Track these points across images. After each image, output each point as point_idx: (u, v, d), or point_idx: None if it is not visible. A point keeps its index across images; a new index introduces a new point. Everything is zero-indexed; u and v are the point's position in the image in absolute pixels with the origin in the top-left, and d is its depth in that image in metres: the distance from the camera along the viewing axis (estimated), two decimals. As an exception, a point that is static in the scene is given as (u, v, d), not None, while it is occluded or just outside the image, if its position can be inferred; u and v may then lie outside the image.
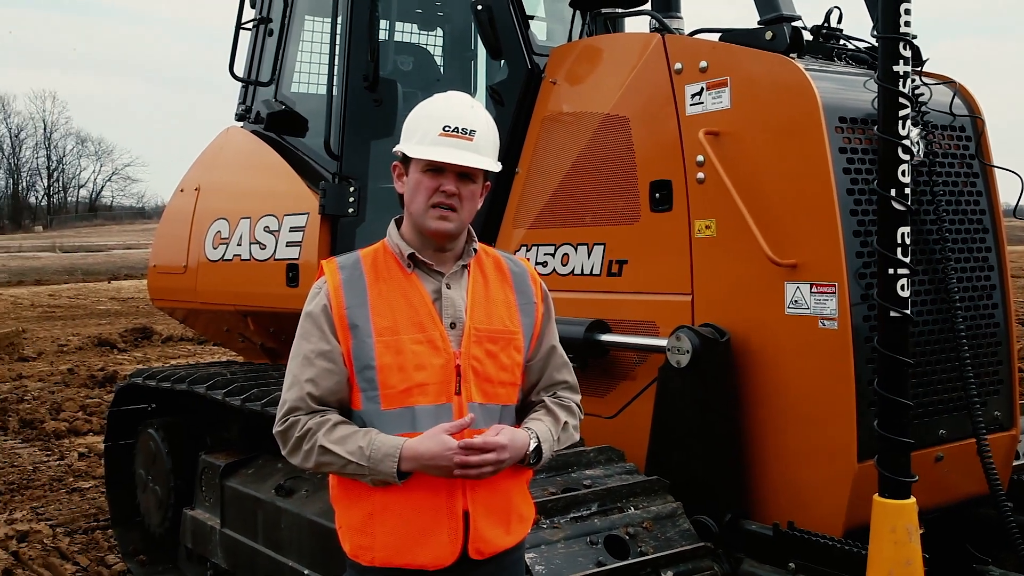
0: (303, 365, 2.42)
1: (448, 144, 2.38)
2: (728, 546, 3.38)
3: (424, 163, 2.40)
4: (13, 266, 36.92)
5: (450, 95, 2.52)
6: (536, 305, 2.57)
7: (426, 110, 2.48)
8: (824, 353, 3.28)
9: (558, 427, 2.54)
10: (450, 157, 2.37)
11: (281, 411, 2.44)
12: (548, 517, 3.19)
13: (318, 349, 2.41)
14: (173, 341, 16.27)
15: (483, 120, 2.46)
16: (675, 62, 3.82)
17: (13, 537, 6.37)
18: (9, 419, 10.02)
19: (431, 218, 2.40)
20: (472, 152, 2.40)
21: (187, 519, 5.21)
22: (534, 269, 2.67)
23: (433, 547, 2.37)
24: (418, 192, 2.42)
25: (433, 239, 2.44)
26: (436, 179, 2.40)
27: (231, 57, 5.80)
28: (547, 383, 2.62)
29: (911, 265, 2.57)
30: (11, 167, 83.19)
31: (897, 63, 2.50)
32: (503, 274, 2.56)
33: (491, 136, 2.48)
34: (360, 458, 2.30)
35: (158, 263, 6.42)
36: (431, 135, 2.40)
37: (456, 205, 2.40)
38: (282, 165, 5.35)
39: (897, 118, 2.53)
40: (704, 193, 3.67)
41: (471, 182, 2.43)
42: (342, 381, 2.41)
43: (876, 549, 2.56)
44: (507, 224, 4.50)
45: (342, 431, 2.36)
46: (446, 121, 2.40)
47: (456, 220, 2.41)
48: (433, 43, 6.42)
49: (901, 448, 2.56)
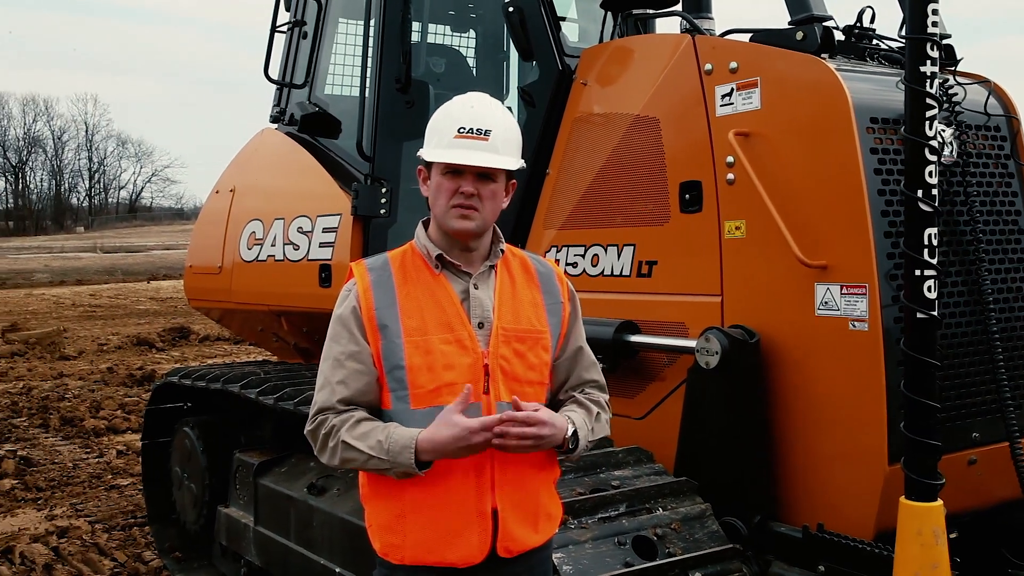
0: (333, 367, 2.46)
1: (463, 146, 2.40)
2: (757, 548, 3.37)
3: (443, 165, 2.42)
4: (55, 266, 37.53)
5: (467, 96, 2.53)
6: (563, 305, 2.59)
7: (443, 112, 2.50)
8: (854, 355, 3.26)
9: (591, 418, 2.56)
10: (463, 159, 2.39)
11: (311, 412, 2.48)
12: (576, 517, 3.20)
13: (348, 351, 2.44)
14: (210, 341, 16.46)
15: (499, 119, 2.47)
16: (705, 63, 3.81)
17: (53, 533, 6.51)
18: (50, 417, 10.20)
19: (452, 218, 2.43)
20: (487, 152, 2.41)
21: (221, 516, 5.28)
22: (560, 269, 2.68)
23: (462, 545, 2.39)
24: (439, 194, 2.44)
25: (457, 239, 2.47)
26: (455, 181, 2.42)
27: (266, 60, 5.86)
28: (575, 382, 2.64)
29: (938, 266, 2.54)
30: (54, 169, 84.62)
31: (924, 63, 2.48)
32: (530, 274, 2.58)
33: (509, 135, 2.48)
34: (380, 452, 2.33)
35: (194, 263, 6.51)
36: (447, 137, 2.42)
37: (476, 205, 2.42)
38: (315, 166, 5.41)
39: (924, 119, 2.51)
40: (734, 194, 3.66)
41: (491, 181, 2.44)
42: (372, 382, 2.44)
43: (902, 552, 2.55)
44: (537, 225, 4.51)
45: (364, 427, 2.39)
46: (461, 123, 2.42)
47: (477, 219, 2.43)
48: (466, 45, 6.45)
49: (928, 450, 2.54)
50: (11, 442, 9.22)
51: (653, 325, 3.94)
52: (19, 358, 14.59)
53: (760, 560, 3.35)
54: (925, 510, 2.52)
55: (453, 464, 2.35)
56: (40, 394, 11.54)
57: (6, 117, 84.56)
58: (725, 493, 3.47)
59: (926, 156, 2.51)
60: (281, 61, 5.99)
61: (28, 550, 6.15)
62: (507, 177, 2.50)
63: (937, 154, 2.53)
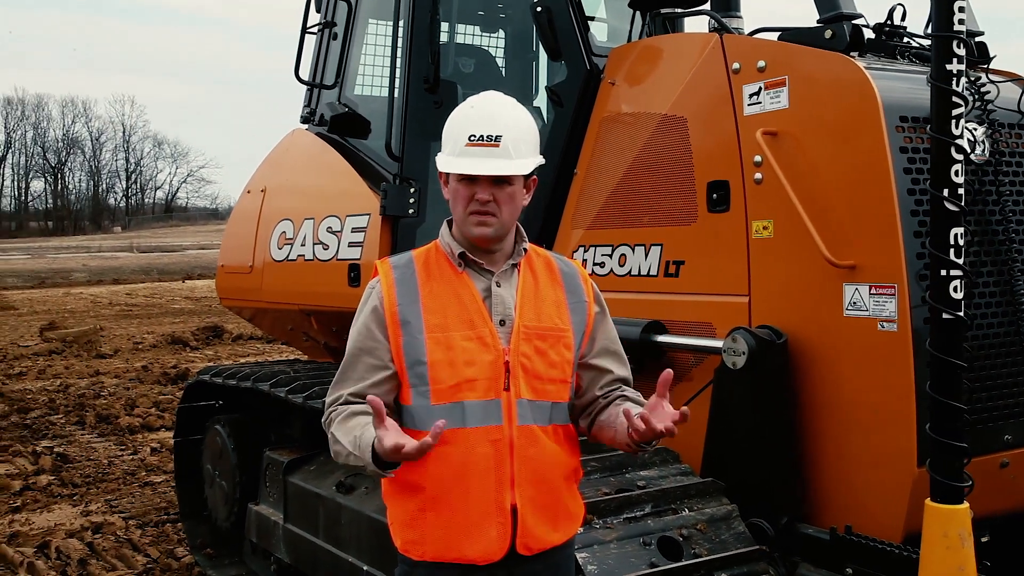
0: (350, 362, 2.50)
1: (474, 154, 2.41)
2: (784, 550, 3.35)
3: (456, 174, 2.43)
4: (93, 266, 38.02)
5: (479, 98, 2.53)
6: (587, 304, 2.59)
7: (455, 118, 2.50)
8: (883, 356, 3.22)
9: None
10: (473, 168, 2.40)
11: (325, 405, 2.52)
12: (601, 517, 3.20)
13: (365, 347, 2.48)
14: (243, 340, 16.61)
15: (510, 122, 2.46)
16: (733, 62, 3.79)
17: (88, 528, 6.61)
18: (86, 414, 10.34)
19: (471, 225, 2.44)
20: (499, 159, 2.41)
21: (252, 514, 5.32)
22: (584, 269, 2.68)
23: (482, 542, 2.40)
24: (456, 201, 2.46)
25: (477, 244, 2.48)
26: (470, 188, 2.43)
27: (296, 61, 5.90)
28: (610, 380, 2.64)
29: (965, 267, 2.51)
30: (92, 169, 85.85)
31: (950, 61, 2.45)
32: (553, 274, 2.59)
33: (522, 136, 2.47)
34: (355, 448, 2.34)
35: (226, 263, 6.56)
36: (459, 145, 2.43)
37: (493, 211, 2.42)
38: (344, 167, 5.44)
39: (950, 117, 2.48)
40: (762, 193, 3.63)
41: (507, 185, 2.44)
42: (387, 378, 2.46)
43: (928, 554, 2.52)
44: (565, 225, 4.51)
45: (353, 421, 2.41)
46: (471, 129, 2.42)
47: (495, 224, 2.44)
48: (495, 45, 6.46)
49: (953, 452, 2.51)
50: (48, 439, 9.37)
51: (680, 325, 3.93)
52: (56, 356, 14.81)
53: (787, 562, 3.32)
54: (951, 512, 2.49)
55: (472, 461, 2.37)
56: (77, 392, 11.71)
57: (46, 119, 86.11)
58: (752, 494, 3.45)
59: (952, 155, 2.48)
60: (311, 62, 6.03)
61: (63, 545, 6.26)
62: (525, 175, 2.49)
63: (964, 153, 2.49)
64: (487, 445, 2.40)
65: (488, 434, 2.41)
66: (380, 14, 5.84)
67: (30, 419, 10.14)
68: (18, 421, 10.01)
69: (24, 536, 6.46)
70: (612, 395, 2.64)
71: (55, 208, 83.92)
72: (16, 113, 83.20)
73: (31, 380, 12.67)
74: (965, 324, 2.54)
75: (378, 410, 2.21)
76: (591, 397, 2.65)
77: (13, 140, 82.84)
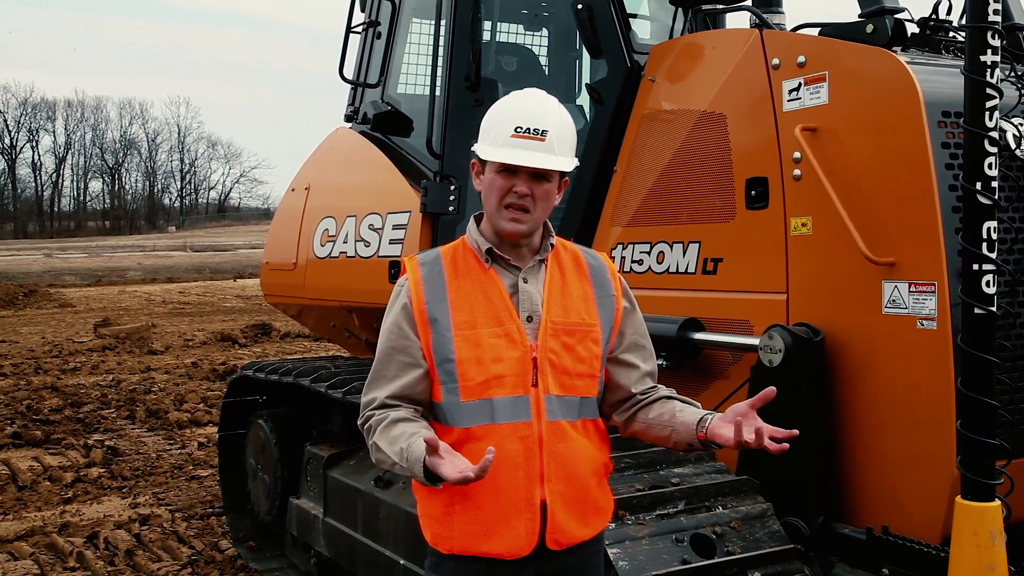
0: (383, 361, 2.51)
1: (519, 145, 2.40)
2: (820, 549, 3.31)
3: (498, 164, 2.42)
4: (147, 264, 38.74)
5: (524, 93, 2.53)
6: (615, 298, 2.58)
7: (499, 109, 2.50)
8: (922, 354, 3.17)
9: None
10: (520, 159, 2.39)
11: (361, 404, 2.53)
12: (633, 513, 3.19)
13: (398, 345, 2.49)
14: (290, 338, 16.80)
15: (556, 118, 2.46)
16: (773, 57, 3.76)
17: (136, 520, 6.73)
18: (137, 409, 10.53)
19: (504, 219, 2.44)
20: (544, 153, 2.41)
21: (293, 507, 5.38)
22: (613, 264, 2.66)
23: (510, 536, 2.40)
24: (492, 192, 2.45)
25: (508, 239, 2.48)
26: (509, 180, 2.42)
27: (341, 60, 5.97)
28: (641, 374, 2.63)
29: (997, 261, 2.47)
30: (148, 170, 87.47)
31: (984, 52, 2.41)
32: (581, 268, 2.58)
33: (565, 134, 2.48)
34: (401, 460, 2.35)
35: (270, 260, 6.65)
36: (503, 136, 2.42)
37: (529, 206, 2.42)
38: (386, 164, 5.48)
39: (984, 109, 2.43)
40: (800, 190, 3.60)
41: (545, 181, 2.44)
42: (421, 376, 2.47)
43: (958, 553, 2.48)
44: (604, 223, 4.50)
45: (396, 430, 2.41)
46: (518, 121, 2.41)
47: (529, 220, 2.44)
48: (539, 43, 6.47)
49: (985, 449, 2.47)
50: (100, 432, 9.56)
51: (718, 323, 3.90)
52: (109, 352, 15.10)
53: (823, 562, 3.29)
54: (981, 510, 2.45)
55: (502, 456, 2.36)
56: (128, 387, 11.93)
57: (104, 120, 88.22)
58: (788, 493, 3.42)
59: (986, 148, 2.43)
60: (356, 61, 6.09)
61: (112, 536, 6.38)
62: (560, 175, 2.49)
63: (997, 145, 2.45)
64: (516, 441, 2.40)
65: (517, 430, 2.41)
66: (423, 13, 5.88)
67: (83, 413, 10.34)
68: (71, 415, 10.22)
69: (74, 527, 6.60)
70: (653, 394, 2.64)
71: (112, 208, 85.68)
72: (76, 115, 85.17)
73: (85, 375, 12.94)
74: (997, 318, 2.49)
75: (433, 446, 2.23)
76: (625, 394, 2.63)
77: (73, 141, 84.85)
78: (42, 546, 6.23)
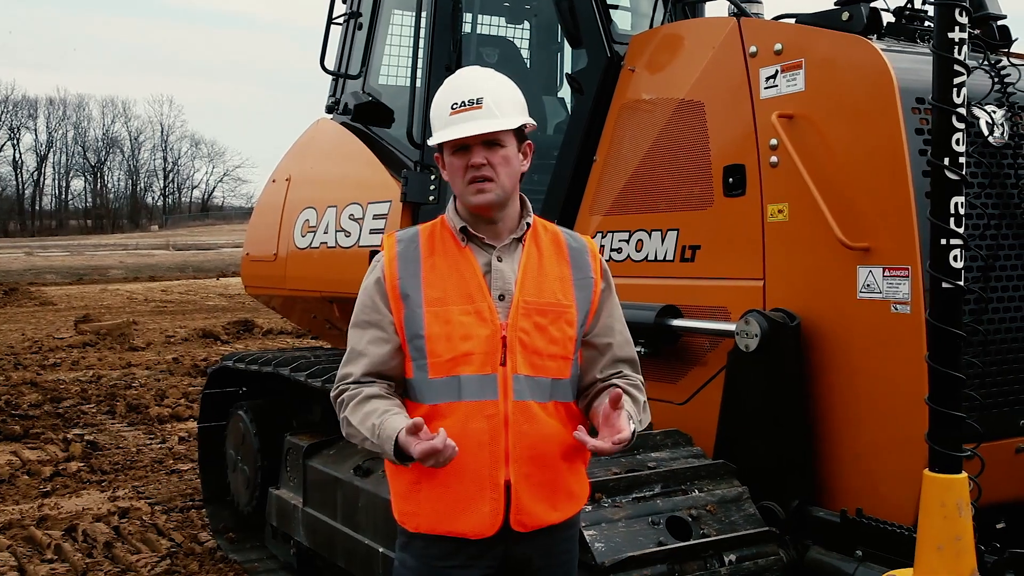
0: (357, 335, 2.51)
1: (458, 120, 2.41)
2: (795, 532, 3.33)
3: (450, 146, 2.44)
4: (130, 263, 38.53)
5: (456, 74, 2.55)
6: (594, 280, 2.56)
7: (438, 97, 2.51)
8: (896, 338, 3.20)
9: (638, 408, 2.53)
10: (460, 132, 2.39)
11: (336, 377, 2.53)
12: (610, 496, 3.20)
13: (371, 319, 2.49)
14: (273, 334, 16.74)
15: (490, 84, 2.47)
16: (750, 45, 3.78)
17: (115, 513, 6.70)
18: (117, 404, 10.48)
19: (470, 194, 2.43)
20: (482, 119, 2.40)
21: (272, 498, 5.38)
22: (595, 245, 2.64)
23: (474, 516, 2.40)
24: (455, 174, 2.46)
25: (480, 213, 2.47)
26: (464, 156, 2.42)
27: (322, 51, 5.96)
28: (610, 359, 2.60)
29: (964, 236, 2.49)
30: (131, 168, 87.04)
31: (952, 30, 2.43)
32: (560, 249, 2.56)
33: (503, 95, 2.46)
34: (372, 436, 2.36)
35: (251, 252, 6.63)
36: (444, 117, 2.44)
37: (490, 174, 2.41)
38: (367, 155, 5.48)
39: (952, 86, 2.45)
40: (777, 177, 3.62)
41: (500, 147, 2.43)
42: (393, 351, 2.48)
43: (925, 524, 2.50)
44: (584, 212, 4.52)
45: (367, 407, 2.41)
46: (452, 99, 2.44)
47: (494, 188, 2.43)
48: (522, 37, 6.48)
49: (951, 422, 2.49)
50: (79, 427, 9.51)
51: (696, 310, 3.92)
52: (90, 348, 15.02)
53: (798, 544, 3.31)
54: (948, 482, 2.47)
55: (467, 435, 2.36)
56: (108, 382, 11.88)
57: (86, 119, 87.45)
58: (764, 477, 3.44)
59: (953, 123, 2.46)
60: (337, 52, 6.09)
61: (91, 528, 6.35)
62: (518, 139, 2.48)
63: (964, 122, 2.47)
64: (481, 420, 2.39)
65: (483, 409, 2.40)
66: (404, 4, 5.88)
67: (62, 408, 10.29)
68: (51, 410, 10.16)
69: (52, 520, 6.56)
70: (611, 380, 2.59)
71: (94, 207, 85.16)
72: (58, 113, 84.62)
73: (65, 371, 12.87)
74: (963, 293, 2.52)
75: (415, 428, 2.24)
76: (591, 378, 2.60)
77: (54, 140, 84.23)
78: (20, 539, 6.20)
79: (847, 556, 3.17)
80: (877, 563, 3.07)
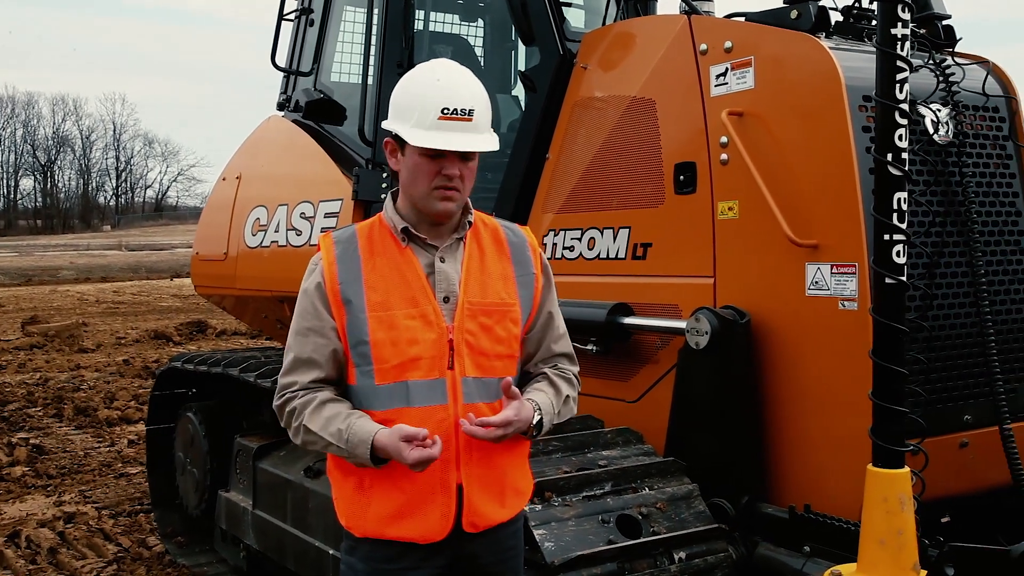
0: (299, 341, 2.44)
1: (448, 128, 2.33)
2: (744, 529, 3.34)
3: (423, 148, 2.35)
4: (80, 263, 37.88)
5: (441, 68, 2.44)
6: (535, 276, 2.54)
7: (420, 88, 2.40)
8: (843, 334, 3.22)
9: (559, 400, 2.52)
10: (449, 143, 2.32)
11: (278, 386, 2.47)
12: (560, 495, 3.18)
13: (312, 326, 2.42)
14: (227, 335, 16.52)
15: (478, 95, 2.41)
16: (700, 43, 3.79)
17: (60, 518, 6.56)
18: (65, 407, 10.27)
19: (435, 199, 2.37)
20: (473, 134, 2.36)
21: (222, 501, 5.29)
22: (534, 238, 2.62)
23: (423, 521, 2.37)
24: (418, 176, 2.37)
25: (438, 220, 2.43)
26: (438, 163, 2.35)
27: (273, 47, 5.88)
28: (546, 354, 2.59)
29: (907, 231, 2.51)
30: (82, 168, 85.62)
31: (895, 26, 2.45)
32: (501, 245, 2.53)
33: (487, 108, 2.43)
34: (339, 441, 2.32)
35: (201, 251, 6.53)
36: (430, 118, 2.33)
37: (459, 186, 2.37)
38: (318, 152, 5.41)
39: (895, 82, 2.47)
40: (727, 175, 3.63)
41: (471, 160, 2.40)
42: (336, 356, 2.42)
43: (868, 519, 2.52)
44: (536, 210, 4.50)
45: (327, 411, 2.37)
46: (443, 102, 2.33)
47: (459, 199, 2.40)
48: (475, 34, 6.45)
49: (894, 417, 2.51)
50: (24, 431, 9.30)
51: (648, 308, 3.92)
52: (38, 350, 14.71)
53: (747, 541, 3.31)
54: (891, 477, 2.49)
55: None
56: (56, 385, 11.65)
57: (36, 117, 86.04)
58: (714, 474, 3.44)
59: (896, 120, 2.47)
60: (288, 49, 6.01)
61: (34, 534, 6.21)
62: None
63: (907, 117, 2.49)
64: (432, 425, 2.33)
65: (433, 414, 2.36)
66: (356, 1, 5.82)
67: (7, 411, 10.06)
68: (-5, 414, 9.95)
69: (-5, 525, 6.42)
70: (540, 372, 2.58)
71: (44, 206, 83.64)
72: (6, 111, 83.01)
73: (11, 373, 12.60)
74: (907, 289, 2.54)
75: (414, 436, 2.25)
76: (528, 371, 2.58)
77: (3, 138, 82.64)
78: (-40, 545, 6.05)
79: (796, 552, 3.19)
80: (825, 558, 3.08)
